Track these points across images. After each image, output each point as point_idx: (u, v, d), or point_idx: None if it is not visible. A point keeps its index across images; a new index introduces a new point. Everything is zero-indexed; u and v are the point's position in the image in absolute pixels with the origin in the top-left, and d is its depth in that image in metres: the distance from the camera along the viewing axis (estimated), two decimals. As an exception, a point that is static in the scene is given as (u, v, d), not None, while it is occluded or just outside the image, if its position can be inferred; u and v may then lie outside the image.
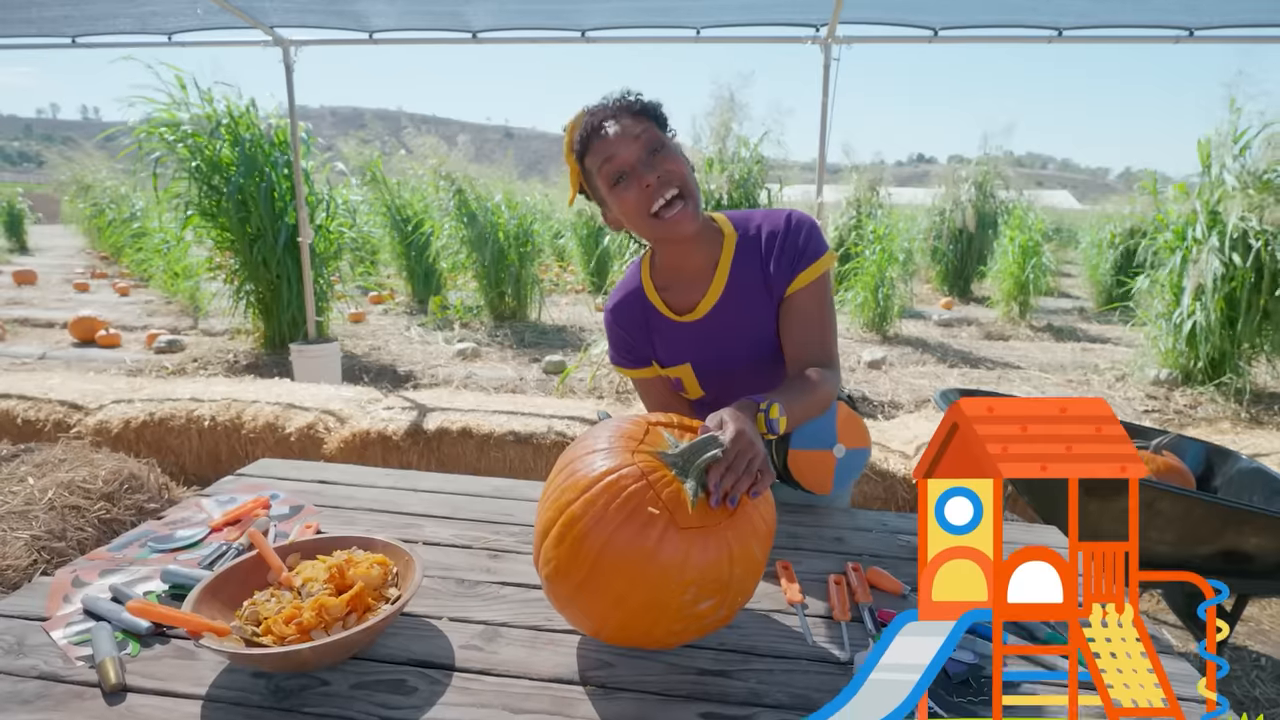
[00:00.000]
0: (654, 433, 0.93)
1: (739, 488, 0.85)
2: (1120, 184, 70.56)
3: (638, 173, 1.14)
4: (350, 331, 7.09)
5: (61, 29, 4.15)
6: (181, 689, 0.84)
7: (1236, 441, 3.16)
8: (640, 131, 1.14)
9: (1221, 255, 4.67)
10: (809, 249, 1.24)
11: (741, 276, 1.26)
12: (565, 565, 0.84)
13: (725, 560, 0.83)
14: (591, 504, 0.83)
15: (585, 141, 1.17)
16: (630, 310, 1.34)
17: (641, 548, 0.81)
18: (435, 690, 0.85)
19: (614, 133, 1.14)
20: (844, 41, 3.75)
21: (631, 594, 0.82)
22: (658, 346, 1.34)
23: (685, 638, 0.90)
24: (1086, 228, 11.81)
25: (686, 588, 0.81)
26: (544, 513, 0.89)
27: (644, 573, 0.80)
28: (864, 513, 1.40)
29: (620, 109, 1.16)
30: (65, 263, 14.69)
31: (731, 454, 0.86)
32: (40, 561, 1.62)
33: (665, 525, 0.81)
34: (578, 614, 0.88)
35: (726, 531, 0.84)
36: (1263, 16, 3.45)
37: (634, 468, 0.85)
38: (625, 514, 0.82)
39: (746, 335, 1.28)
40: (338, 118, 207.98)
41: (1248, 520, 1.82)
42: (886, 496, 2.93)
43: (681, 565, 0.81)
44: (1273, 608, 2.55)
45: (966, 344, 7.34)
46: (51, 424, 3.39)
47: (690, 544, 0.81)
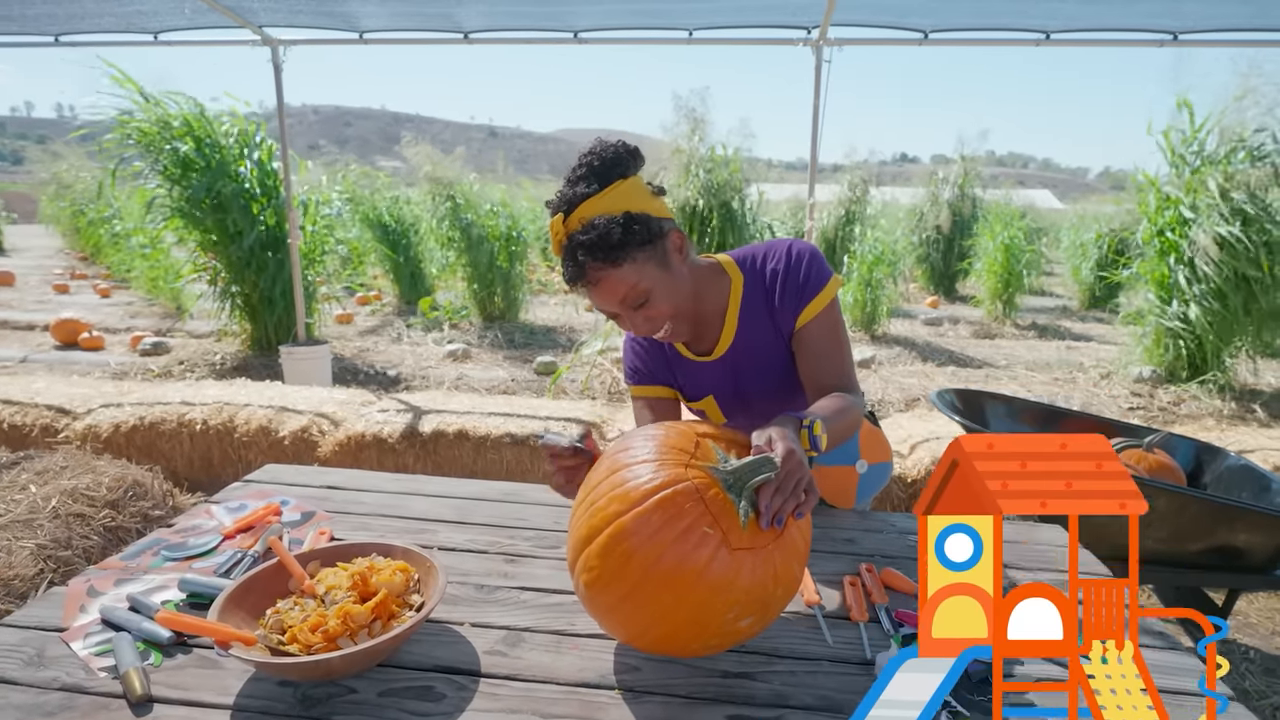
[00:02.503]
0: (704, 445, 0.91)
1: (787, 508, 0.85)
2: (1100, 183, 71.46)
3: (622, 318, 1.16)
4: (338, 333, 7.04)
5: (44, 27, 4.09)
6: (208, 699, 0.84)
7: (1222, 438, 3.23)
8: (620, 297, 1.11)
9: (1195, 249, 4.77)
10: (811, 281, 1.23)
11: (751, 317, 1.26)
12: (611, 577, 0.84)
13: (770, 580, 0.84)
14: (645, 520, 0.82)
15: (570, 279, 1.11)
16: (649, 344, 1.36)
17: (693, 567, 0.80)
18: (463, 696, 0.85)
19: (594, 295, 1.13)
20: (835, 44, 3.78)
21: (678, 610, 0.82)
22: (680, 380, 1.36)
23: (717, 650, 0.91)
24: (1067, 227, 11.98)
25: (731, 606, 0.82)
26: (587, 520, 0.88)
27: (693, 590, 0.81)
28: (873, 514, 1.41)
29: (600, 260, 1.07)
30: (43, 263, 14.46)
31: (782, 474, 0.86)
32: (46, 571, 1.60)
33: (717, 545, 0.81)
34: (616, 623, 0.89)
35: (774, 553, 0.84)
36: (1245, 21, 3.52)
37: (689, 484, 0.84)
38: (679, 532, 0.81)
39: (763, 370, 1.29)
40: (320, 116, 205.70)
41: (1238, 516, 1.86)
42: (883, 495, 2.96)
43: (730, 585, 0.81)
44: (1260, 601, 2.61)
45: (954, 343, 7.42)
46: (39, 429, 3.34)
47: (740, 564, 0.82)
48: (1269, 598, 2.62)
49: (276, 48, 4.23)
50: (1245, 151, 4.83)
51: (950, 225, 10.69)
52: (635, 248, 1.08)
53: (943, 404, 2.33)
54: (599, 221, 1.06)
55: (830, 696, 0.87)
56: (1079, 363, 6.23)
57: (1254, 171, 4.61)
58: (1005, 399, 2.51)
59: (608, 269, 1.08)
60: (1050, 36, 3.74)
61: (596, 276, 1.09)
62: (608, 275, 1.08)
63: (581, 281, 1.10)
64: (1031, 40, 3.78)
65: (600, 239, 1.06)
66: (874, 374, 5.68)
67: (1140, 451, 2.16)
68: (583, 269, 1.08)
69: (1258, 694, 2.11)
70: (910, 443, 3.16)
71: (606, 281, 1.09)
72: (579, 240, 1.07)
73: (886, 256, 7.44)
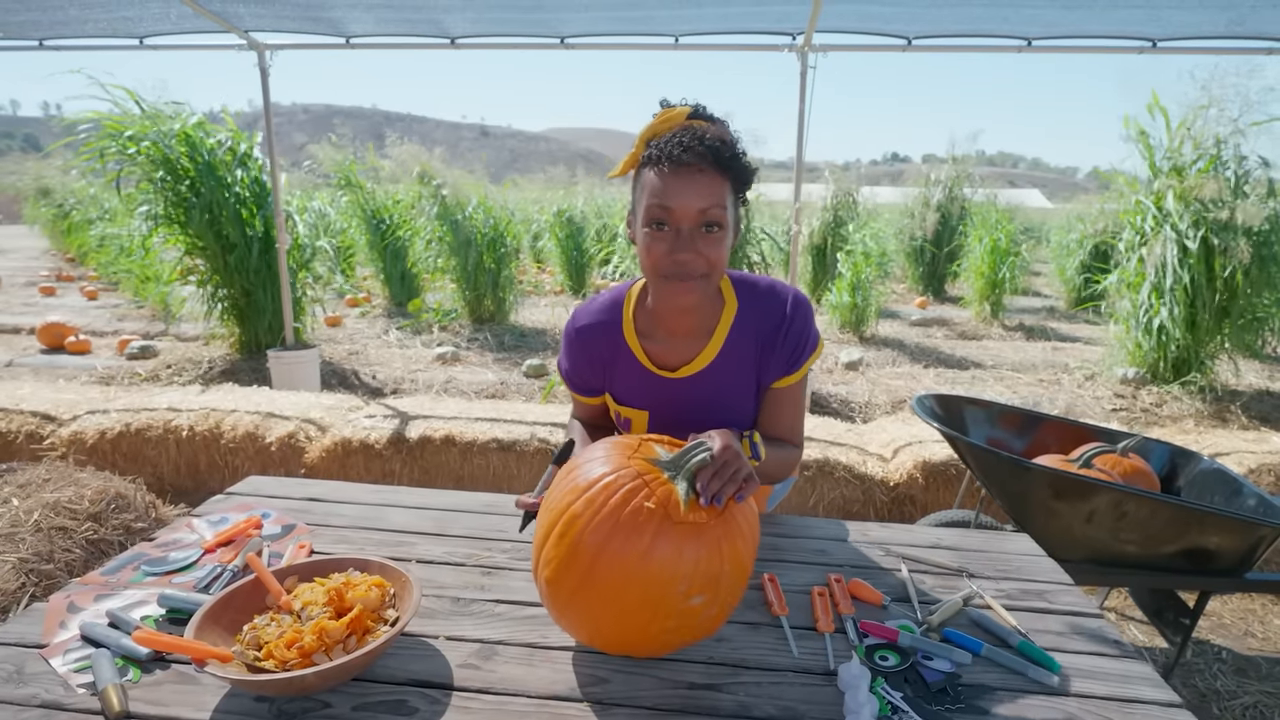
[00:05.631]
0: (645, 445, 0.99)
1: (726, 490, 0.90)
2: (1089, 182, 71.98)
3: (676, 237, 1.09)
4: (327, 336, 7.03)
5: (28, 32, 4.07)
6: (185, 714, 0.86)
7: (1198, 441, 3.28)
8: (706, 204, 1.07)
9: (1169, 249, 4.85)
10: (807, 346, 1.25)
11: (734, 349, 1.24)
12: (565, 567, 0.89)
13: (716, 557, 0.88)
14: (591, 502, 0.89)
15: (658, 158, 1.08)
16: (600, 341, 1.30)
17: (638, 543, 0.86)
18: (435, 710, 0.88)
19: (682, 184, 1.06)
20: (820, 50, 3.81)
21: (628, 589, 0.86)
22: (617, 381, 1.31)
23: (677, 638, 0.93)
24: (1056, 226, 12.07)
25: (679, 581, 0.86)
26: (545, 518, 0.94)
27: (641, 566, 0.86)
28: (848, 523, 1.44)
29: (710, 158, 1.06)
30: (28, 265, 14.35)
31: (720, 460, 0.92)
32: (28, 585, 1.60)
33: (660, 521, 0.87)
34: (575, 616, 0.92)
35: (716, 529, 0.89)
36: (1223, 29, 3.57)
37: (630, 469, 0.92)
38: (622, 510, 0.88)
39: (719, 407, 1.26)
40: (310, 116, 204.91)
41: (1209, 521, 1.90)
42: (865, 500, 2.99)
43: (676, 559, 0.86)
44: (1234, 603, 2.66)
45: (941, 344, 7.47)
46: (24, 436, 3.34)
47: (684, 539, 0.87)
48: (1242, 599, 2.67)
49: (263, 52, 4.23)
50: (1208, 160, 4.93)
51: (939, 226, 10.75)
52: (736, 178, 1.09)
53: (922, 410, 2.36)
54: (720, 131, 1.09)
55: (793, 707, 0.90)
56: (1064, 364, 6.30)
57: (1209, 183, 4.70)
58: (985, 404, 2.54)
59: (714, 171, 1.07)
60: (1031, 43, 3.78)
61: (702, 168, 1.06)
62: (711, 177, 1.07)
63: (683, 162, 1.05)
64: (1013, 47, 3.82)
65: (724, 141, 1.08)
66: (861, 376, 5.73)
67: (1115, 456, 2.19)
68: (690, 150, 1.06)
69: (1228, 694, 2.15)
70: (893, 447, 3.19)
71: (705, 178, 1.07)
72: (704, 131, 1.08)
73: (875, 257, 7.48)
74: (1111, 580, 2.05)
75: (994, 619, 1.09)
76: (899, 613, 1.12)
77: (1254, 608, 2.63)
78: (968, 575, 1.25)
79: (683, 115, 1.12)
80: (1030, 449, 2.42)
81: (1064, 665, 1.00)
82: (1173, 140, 5.05)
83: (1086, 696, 0.94)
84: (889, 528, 1.44)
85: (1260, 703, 2.11)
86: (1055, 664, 0.99)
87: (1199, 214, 4.76)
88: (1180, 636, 2.03)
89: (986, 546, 1.36)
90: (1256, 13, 3.34)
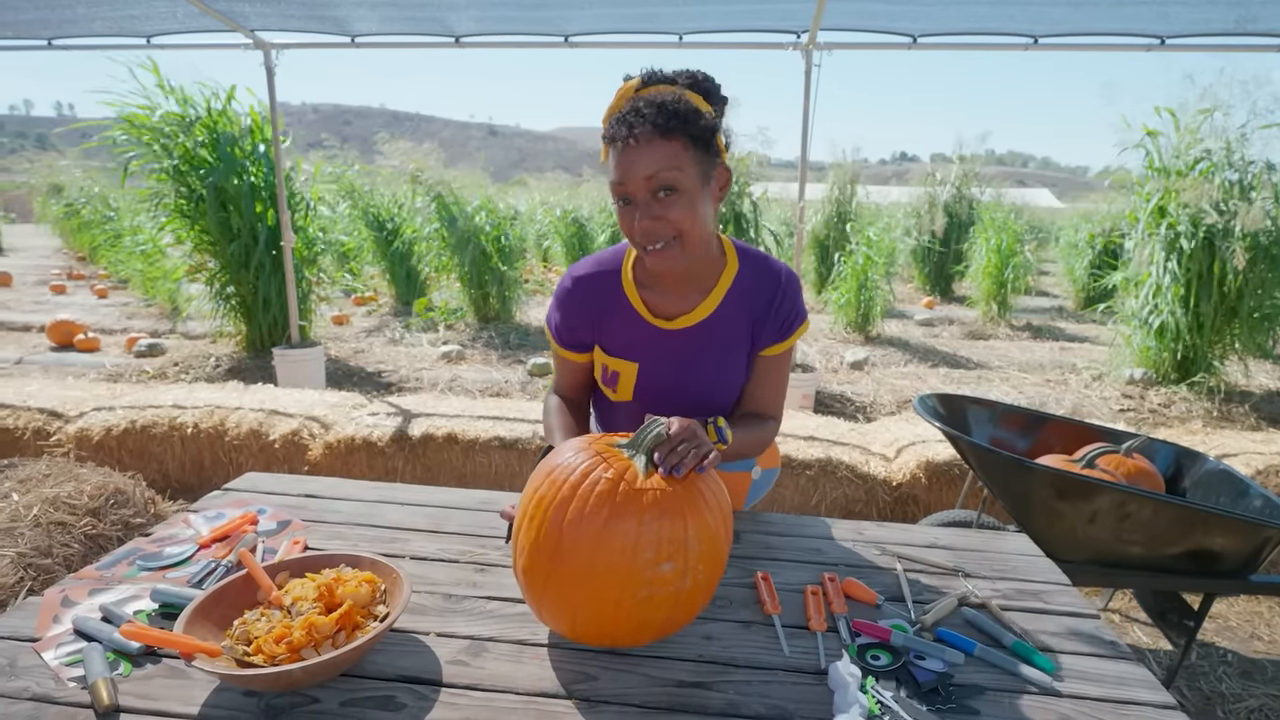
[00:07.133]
0: (609, 437, 1.03)
1: (685, 463, 0.93)
2: (1099, 181, 71.53)
3: (635, 206, 1.11)
4: (334, 334, 7.06)
5: (37, 31, 4.10)
6: (174, 709, 0.86)
7: (1206, 442, 3.24)
8: (652, 170, 1.07)
9: (1170, 248, 4.83)
10: (795, 318, 1.29)
11: (731, 308, 1.26)
12: (538, 546, 0.92)
13: (680, 523, 0.91)
14: (555, 483, 0.94)
15: (610, 137, 1.10)
16: (597, 290, 1.29)
17: (599, 513, 0.89)
18: (423, 706, 0.87)
19: (629, 157, 1.08)
20: (824, 48, 3.80)
21: (595, 560, 0.89)
22: (611, 332, 1.30)
23: (657, 613, 0.92)
24: (1066, 226, 11.99)
25: (645, 548, 0.88)
26: (519, 513, 0.98)
27: (605, 536, 0.89)
28: (843, 522, 1.43)
29: (653, 121, 1.07)
30: (40, 263, 14.46)
31: (677, 437, 0.96)
32: (26, 579, 1.61)
33: (619, 491, 0.91)
34: (552, 603, 0.93)
35: (677, 496, 0.92)
36: (1231, 26, 3.54)
37: (591, 450, 0.98)
38: (580, 484, 0.92)
39: (710, 364, 1.28)
40: (320, 115, 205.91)
41: (1213, 522, 1.88)
42: (867, 499, 2.98)
43: (638, 527, 0.89)
44: (1240, 605, 2.63)
45: (948, 344, 7.43)
46: (31, 432, 3.36)
47: (644, 508, 0.90)
48: (1249, 601, 2.64)
49: (269, 51, 4.25)
50: (1210, 163, 4.89)
51: (947, 226, 10.69)
52: (687, 134, 1.09)
53: (925, 410, 2.34)
54: (668, 94, 1.10)
55: (782, 706, 0.89)
56: (1071, 364, 6.25)
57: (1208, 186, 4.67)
58: (988, 404, 2.52)
59: (655, 136, 1.07)
60: (1038, 40, 3.76)
61: (641, 136, 1.07)
62: (652, 141, 1.07)
63: (624, 138, 1.07)
64: (1019, 45, 3.80)
65: (662, 105, 1.08)
66: (867, 375, 5.70)
67: (1119, 457, 2.17)
68: (630, 126, 1.07)
69: (1234, 697, 2.13)
70: (896, 446, 3.18)
71: (648, 147, 1.07)
72: (642, 99, 1.09)
73: (881, 256, 7.44)
74: (1115, 582, 2.03)
75: (989, 619, 1.09)
76: (893, 612, 1.11)
77: (1260, 610, 2.60)
78: (963, 575, 1.24)
79: (632, 88, 1.13)
80: (1034, 449, 2.40)
81: (1059, 666, 0.99)
82: (1180, 141, 5.00)
83: (1080, 698, 0.93)
84: (885, 527, 1.43)
85: (1266, 706, 2.09)
86: (1049, 664, 0.98)
87: (1197, 216, 4.72)
88: (1184, 639, 2.01)
89: (983, 546, 1.35)
90: (1266, 9, 3.30)
